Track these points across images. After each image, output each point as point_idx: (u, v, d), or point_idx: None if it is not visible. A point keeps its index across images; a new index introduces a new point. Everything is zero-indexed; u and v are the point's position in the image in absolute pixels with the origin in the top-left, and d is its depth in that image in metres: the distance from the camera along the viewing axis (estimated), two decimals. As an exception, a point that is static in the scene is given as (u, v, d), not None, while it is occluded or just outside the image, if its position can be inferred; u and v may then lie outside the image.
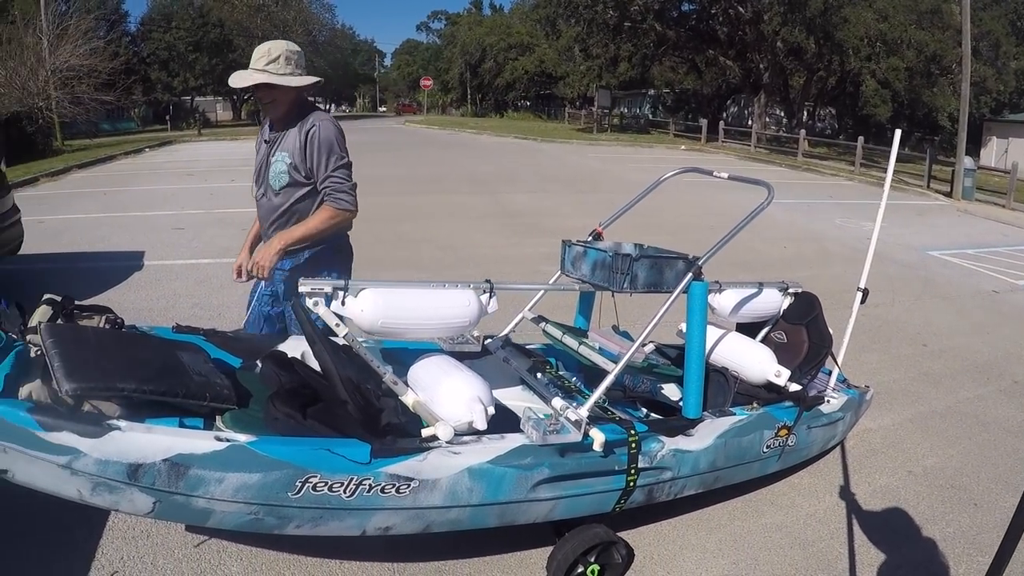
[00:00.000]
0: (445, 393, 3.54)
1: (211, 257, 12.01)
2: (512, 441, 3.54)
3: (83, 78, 36.90)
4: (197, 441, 3.02)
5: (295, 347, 4.37)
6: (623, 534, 4.40)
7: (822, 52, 41.47)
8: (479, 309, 3.91)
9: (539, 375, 4.66)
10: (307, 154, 4.53)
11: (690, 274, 4.15)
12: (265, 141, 4.78)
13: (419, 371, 3.85)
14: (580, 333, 5.16)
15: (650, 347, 5.41)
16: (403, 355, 4.35)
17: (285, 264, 4.67)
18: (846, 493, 5.46)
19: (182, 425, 3.23)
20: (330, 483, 3.15)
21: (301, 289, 3.53)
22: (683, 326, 5.19)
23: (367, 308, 3.58)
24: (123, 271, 10.99)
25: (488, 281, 4.00)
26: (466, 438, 3.47)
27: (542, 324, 5.22)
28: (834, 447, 5.95)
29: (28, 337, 3.56)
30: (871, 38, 36.71)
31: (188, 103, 68.93)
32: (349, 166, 4.72)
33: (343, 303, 3.61)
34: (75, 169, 26.47)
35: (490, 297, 3.99)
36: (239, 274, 4.69)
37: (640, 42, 50.73)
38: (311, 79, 4.65)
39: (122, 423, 2.96)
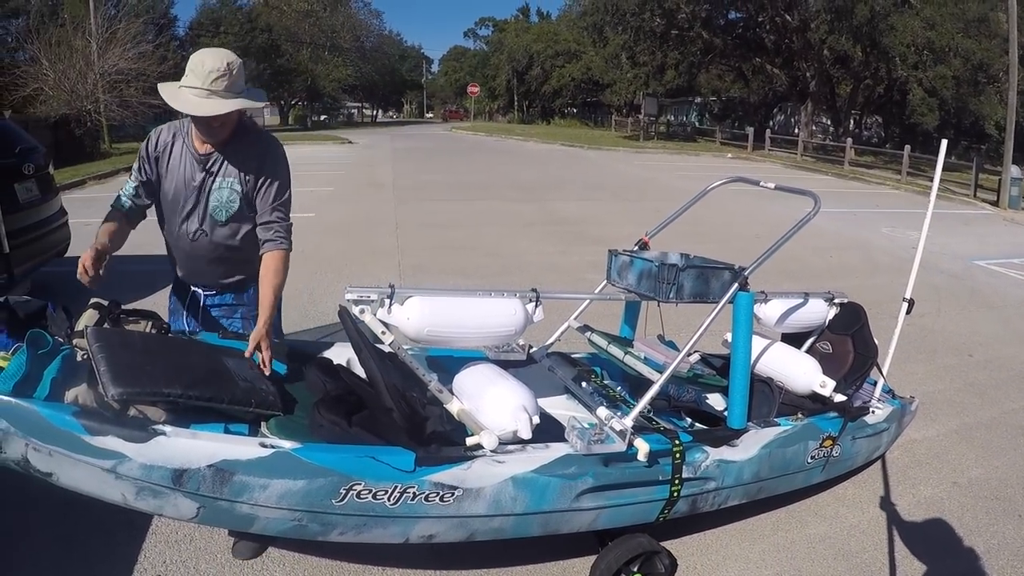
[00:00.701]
0: (490, 402, 3.54)
1: None
2: (556, 451, 3.53)
3: (131, 81, 37.00)
4: (242, 447, 3.03)
5: (341, 354, 4.38)
6: (666, 544, 4.37)
7: (869, 60, 41.18)
8: (525, 318, 3.90)
9: (584, 384, 4.64)
10: (260, 182, 4.14)
11: (736, 284, 4.12)
12: (197, 161, 4.09)
13: (464, 379, 3.86)
14: (625, 342, 5.15)
15: (695, 357, 5.38)
16: (448, 363, 4.34)
17: (228, 298, 4.51)
18: (890, 504, 5.41)
19: (227, 431, 3.21)
20: (374, 491, 3.15)
21: (348, 296, 3.52)
22: (729, 336, 5.17)
23: (413, 316, 3.58)
24: (167, 275, 10.93)
25: (534, 290, 4.00)
26: (510, 447, 3.46)
27: (587, 333, 5.19)
28: (878, 458, 5.90)
29: (75, 341, 3.56)
30: (918, 46, 36.33)
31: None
32: (289, 197, 4.35)
33: (389, 311, 3.60)
34: (122, 172, 26.50)
35: (536, 306, 3.98)
36: (86, 275, 3.71)
37: (687, 50, 50.71)
38: (260, 95, 4.17)
39: (167, 428, 2.98)
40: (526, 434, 3.43)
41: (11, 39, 39.68)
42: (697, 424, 4.78)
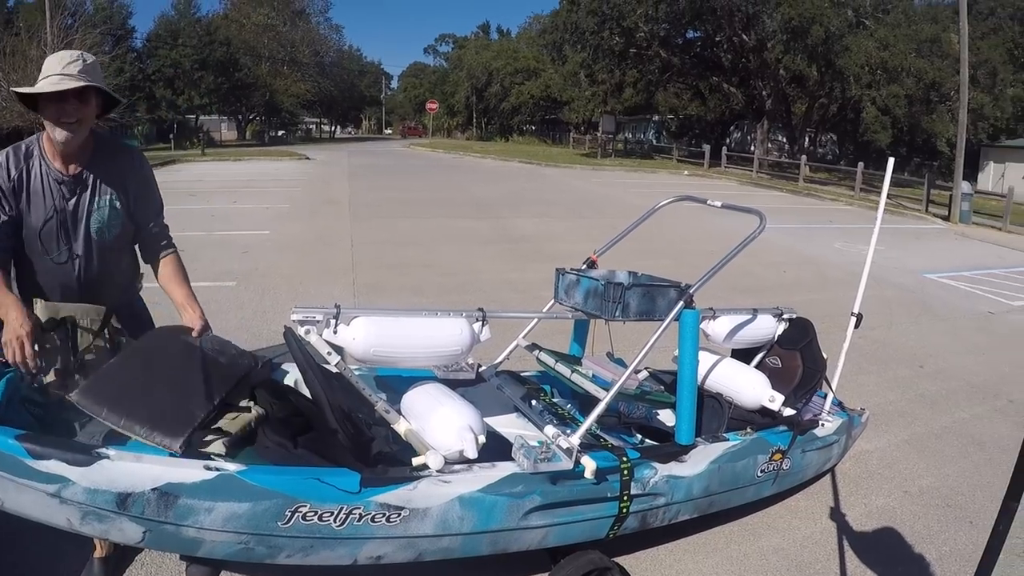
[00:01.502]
0: (437, 422, 3.54)
1: (209, 280, 11.74)
2: (503, 470, 3.54)
3: None
4: (186, 471, 3.01)
5: (287, 375, 4.37)
6: (619, 559, 4.39)
7: (824, 79, 41.69)
8: (472, 337, 3.91)
9: (533, 403, 4.67)
10: (138, 194, 4.01)
11: (681, 302, 4.17)
12: (64, 183, 3.79)
13: (412, 399, 3.86)
14: (574, 360, 5.17)
15: (644, 374, 5.43)
16: (397, 383, 4.35)
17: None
18: (842, 515, 5.47)
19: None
20: (320, 512, 3.14)
21: (294, 317, 3.52)
22: (677, 352, 5.24)
23: (359, 336, 3.58)
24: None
25: (480, 309, 4.02)
26: (457, 467, 3.46)
27: (536, 352, 5.22)
28: (830, 470, 5.96)
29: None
30: (872, 66, 36.91)
31: (192, 122, 68.73)
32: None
33: (335, 331, 3.60)
34: None
35: (483, 325, 3.99)
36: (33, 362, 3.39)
37: (645, 68, 51.21)
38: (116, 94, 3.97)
39: (111, 451, 2.97)
40: (472, 453, 3.43)
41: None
42: (648, 440, 4.81)
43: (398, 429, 3.61)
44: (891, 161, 5.31)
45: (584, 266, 5.26)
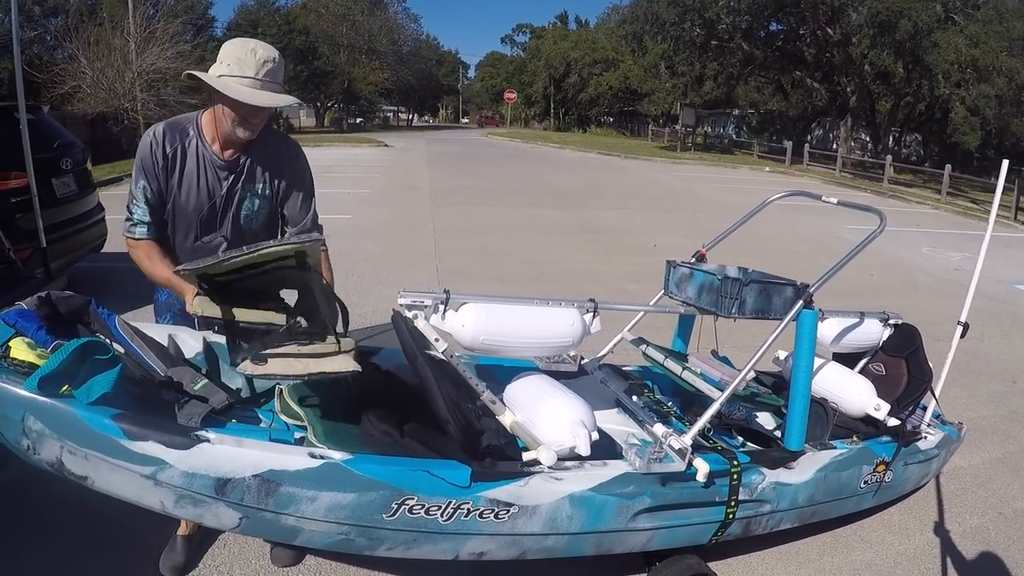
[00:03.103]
0: (547, 415, 3.39)
1: None
2: (615, 468, 3.39)
3: (169, 80, 37.36)
4: (290, 457, 2.89)
5: (388, 359, 4.21)
6: (712, 564, 4.23)
7: (911, 77, 40.69)
8: (583, 329, 3.77)
9: (635, 398, 4.49)
10: (290, 184, 3.97)
11: (801, 302, 3.98)
12: (220, 167, 3.75)
13: (517, 390, 3.71)
14: (681, 357, 4.98)
15: (752, 374, 5.22)
16: (498, 372, 4.21)
17: None
18: (936, 532, 5.26)
19: (272, 439, 3.03)
20: (427, 506, 3.01)
21: (401, 301, 3.39)
22: (780, 353, 5.02)
23: (469, 323, 3.45)
24: None
25: (592, 300, 3.87)
26: (568, 463, 3.31)
27: (642, 346, 5.03)
28: (925, 484, 5.72)
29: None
30: (961, 64, 35.88)
31: (273, 109, 69.27)
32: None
33: (443, 317, 3.48)
34: None
35: (593, 317, 3.84)
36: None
37: (726, 61, 50.47)
38: (289, 95, 3.78)
39: (211, 435, 2.86)
40: (584, 450, 3.27)
41: (50, 37, 40.09)
42: (748, 444, 4.63)
43: (503, 421, 3.45)
44: (1005, 164, 5.10)
45: (693, 259, 5.04)
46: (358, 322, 8.65)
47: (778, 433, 4.59)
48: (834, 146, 48.53)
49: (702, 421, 3.65)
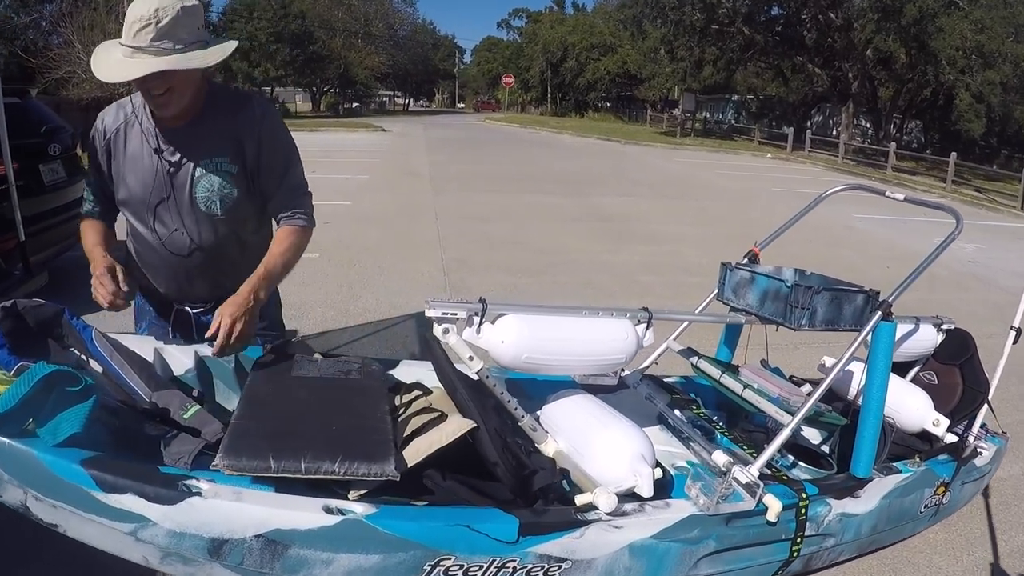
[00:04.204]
0: (602, 449, 2.88)
1: None
2: (679, 510, 2.88)
3: None
4: (301, 514, 2.34)
5: (407, 373, 3.66)
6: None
7: (914, 63, 40.23)
8: (636, 342, 3.23)
9: (680, 413, 3.96)
10: (260, 154, 3.21)
11: (879, 313, 3.51)
12: (164, 143, 3.12)
13: (559, 413, 3.20)
14: (732, 369, 4.42)
15: (806, 387, 4.66)
16: (529, 387, 3.67)
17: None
18: (985, 552, 4.81)
19: (278, 489, 2.47)
20: (467, 566, 2.49)
21: (429, 313, 2.81)
22: (826, 360, 4.53)
23: (509, 338, 2.91)
24: None
25: (646, 309, 3.31)
26: (627, 507, 2.78)
27: (693, 359, 4.44)
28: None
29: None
30: (966, 50, 35.39)
31: (268, 93, 69.36)
32: (301, 166, 3.46)
33: (478, 331, 2.92)
34: None
35: (647, 328, 3.29)
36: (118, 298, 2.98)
37: (726, 46, 50.12)
38: (227, 45, 3.11)
39: (204, 485, 2.32)
40: (647, 491, 2.77)
41: (45, 23, 39.96)
42: (799, 462, 4.13)
43: (545, 450, 2.96)
44: None
45: (745, 260, 4.49)
46: (361, 316, 8.26)
47: (825, 448, 4.18)
48: (835, 132, 48.05)
49: (771, 450, 3.17)
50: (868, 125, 48.90)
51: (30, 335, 2.94)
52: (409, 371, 3.61)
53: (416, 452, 2.60)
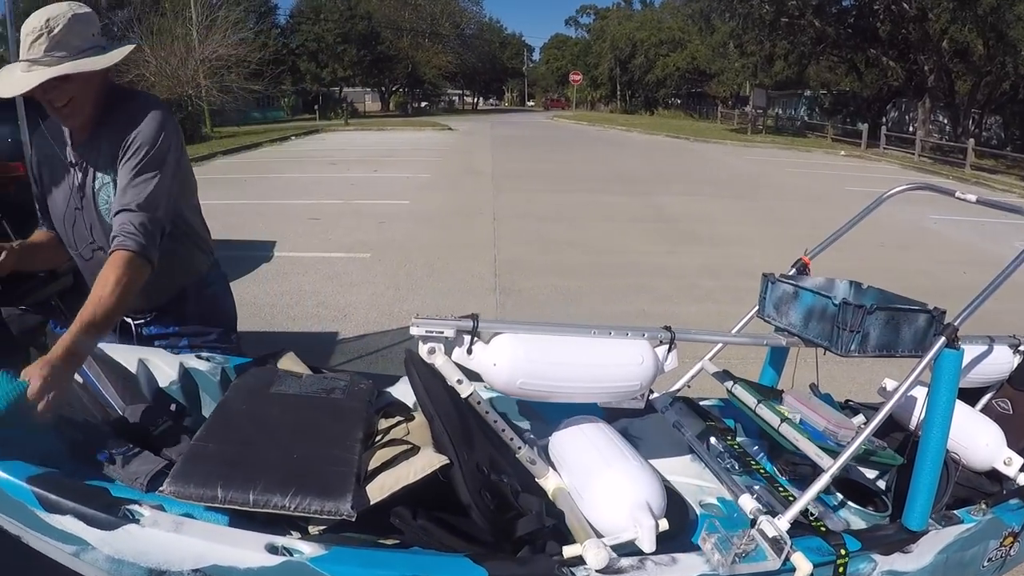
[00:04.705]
0: (602, 491, 2.51)
1: (343, 251, 11.60)
2: (687, 568, 2.41)
3: (232, 67, 37.81)
4: (241, 551, 2.08)
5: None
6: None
7: (992, 54, 39.06)
8: (655, 368, 2.77)
9: (714, 441, 3.50)
10: (124, 155, 2.88)
11: (943, 339, 2.92)
12: (70, 155, 3.00)
13: (568, 443, 2.83)
14: (775, 395, 3.89)
15: (860, 418, 4.13)
16: (543, 408, 3.31)
17: (168, 325, 3.28)
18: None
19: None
20: (423, 623, 2.16)
21: (414, 331, 2.50)
22: (887, 383, 3.98)
23: (503, 361, 2.53)
24: (251, 261, 10.68)
25: (668, 329, 2.85)
26: (624, 562, 2.35)
27: (729, 383, 3.88)
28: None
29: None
30: (1047, 40, 34.26)
31: (336, 93, 69.81)
32: (159, 182, 2.95)
33: (470, 351, 2.55)
34: (219, 155, 26.88)
35: (669, 351, 2.85)
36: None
37: (797, 39, 49.07)
38: (123, 48, 2.95)
39: (146, 511, 2.10)
40: (648, 545, 2.37)
41: (116, 28, 40.73)
42: (849, 502, 3.64)
43: (545, 486, 2.61)
44: None
45: (793, 271, 3.97)
46: (405, 319, 8.06)
47: (881, 483, 3.55)
48: (911, 128, 46.96)
49: (804, 500, 2.67)
50: (945, 121, 47.63)
51: (12, 343, 2.87)
52: (407, 390, 3.17)
53: (381, 488, 2.30)
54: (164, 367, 3.02)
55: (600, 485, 2.51)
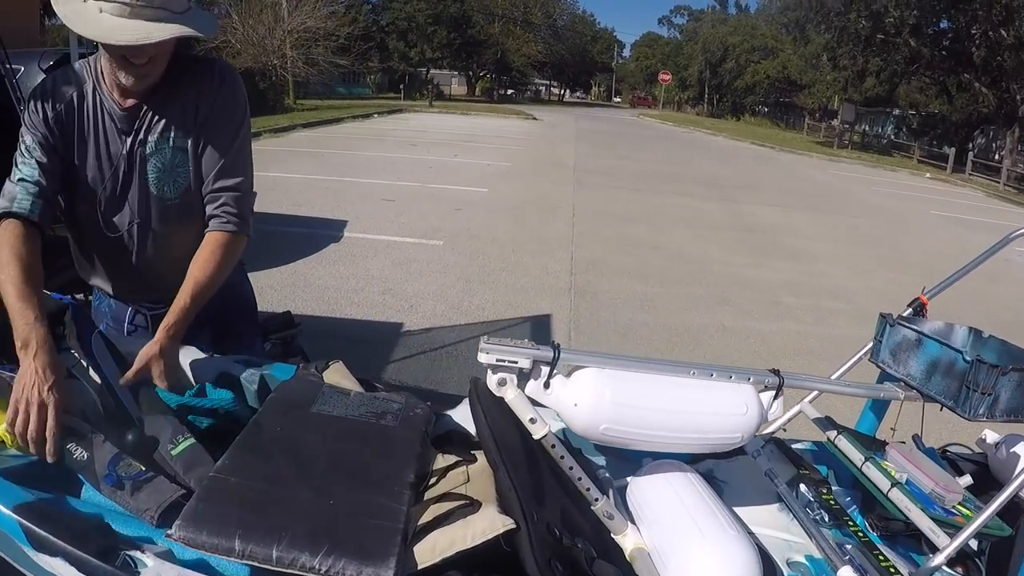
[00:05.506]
0: (694, 567, 2.09)
1: (416, 236, 11.32)
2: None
3: (319, 40, 37.89)
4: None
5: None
6: None
7: (1086, 90, 38.26)
8: (759, 418, 2.34)
9: (803, 489, 3.06)
10: (207, 123, 2.61)
11: None
12: (120, 118, 2.55)
13: (651, 493, 2.42)
14: (878, 447, 3.42)
15: (966, 479, 3.59)
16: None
17: None
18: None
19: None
20: None
21: (483, 358, 2.04)
22: (988, 435, 3.48)
23: (586, 402, 2.12)
24: (320, 240, 10.45)
25: (776, 373, 2.41)
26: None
27: (831, 432, 3.42)
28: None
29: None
30: None
31: (423, 74, 69.92)
32: (249, 156, 2.79)
33: (546, 385, 2.15)
34: (299, 128, 26.84)
35: (775, 397, 2.43)
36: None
37: (891, 57, 48.44)
38: (212, 17, 2.67)
39: (149, 561, 1.75)
40: None
41: (201, -6, 41.08)
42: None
43: (623, 543, 2.20)
44: None
45: (909, 311, 3.49)
46: (474, 314, 7.86)
47: (974, 544, 3.07)
48: (996, 157, 45.90)
49: None
50: (1032, 152, 46.72)
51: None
52: (468, 414, 2.61)
53: (432, 550, 1.90)
54: (194, 369, 2.65)
55: (692, 559, 2.10)
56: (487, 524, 1.94)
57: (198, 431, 2.27)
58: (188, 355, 2.64)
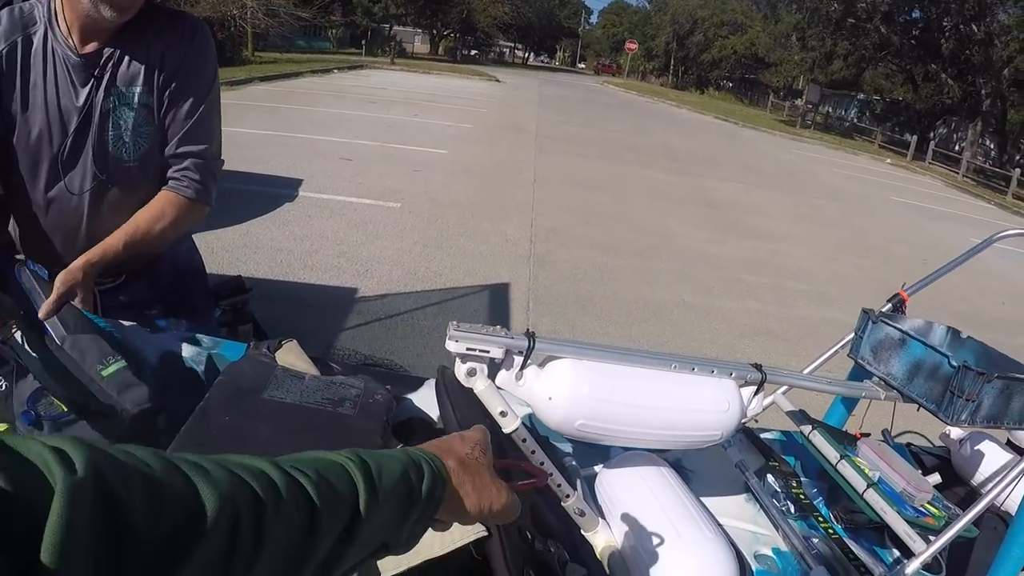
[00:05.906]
0: (666, 563, 1.96)
1: (372, 198, 11.10)
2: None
3: None
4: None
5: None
6: None
7: (1053, 90, 38.71)
8: (740, 414, 2.21)
9: (770, 479, 2.94)
10: (174, 80, 2.37)
11: None
12: (77, 66, 2.25)
13: (620, 488, 2.24)
14: (849, 442, 3.28)
15: (935, 477, 3.46)
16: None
17: (139, 289, 2.63)
18: None
19: None
20: None
21: (451, 346, 1.84)
22: (952, 432, 3.36)
23: (562, 396, 1.94)
24: (272, 199, 10.09)
25: (758, 368, 2.24)
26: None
27: (805, 427, 3.28)
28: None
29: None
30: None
31: (386, 31, 69.27)
32: (217, 118, 2.60)
33: (518, 377, 1.98)
34: (257, 81, 26.37)
35: (755, 393, 2.27)
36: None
37: (860, 42, 48.81)
38: None
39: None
40: None
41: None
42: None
43: (593, 541, 2.08)
44: None
45: (889, 306, 3.34)
46: (430, 281, 7.62)
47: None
48: (957, 147, 46.35)
49: None
50: (992, 146, 47.16)
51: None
52: (431, 397, 2.49)
53: (396, 559, 1.75)
54: (136, 347, 2.43)
55: (668, 561, 1.96)
56: (457, 531, 1.78)
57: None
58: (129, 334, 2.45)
